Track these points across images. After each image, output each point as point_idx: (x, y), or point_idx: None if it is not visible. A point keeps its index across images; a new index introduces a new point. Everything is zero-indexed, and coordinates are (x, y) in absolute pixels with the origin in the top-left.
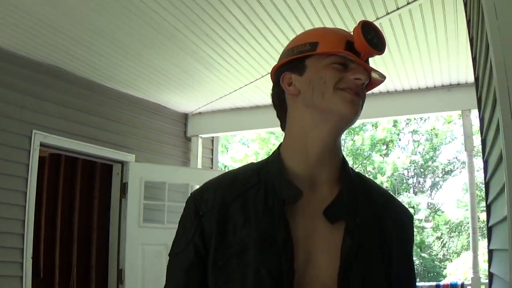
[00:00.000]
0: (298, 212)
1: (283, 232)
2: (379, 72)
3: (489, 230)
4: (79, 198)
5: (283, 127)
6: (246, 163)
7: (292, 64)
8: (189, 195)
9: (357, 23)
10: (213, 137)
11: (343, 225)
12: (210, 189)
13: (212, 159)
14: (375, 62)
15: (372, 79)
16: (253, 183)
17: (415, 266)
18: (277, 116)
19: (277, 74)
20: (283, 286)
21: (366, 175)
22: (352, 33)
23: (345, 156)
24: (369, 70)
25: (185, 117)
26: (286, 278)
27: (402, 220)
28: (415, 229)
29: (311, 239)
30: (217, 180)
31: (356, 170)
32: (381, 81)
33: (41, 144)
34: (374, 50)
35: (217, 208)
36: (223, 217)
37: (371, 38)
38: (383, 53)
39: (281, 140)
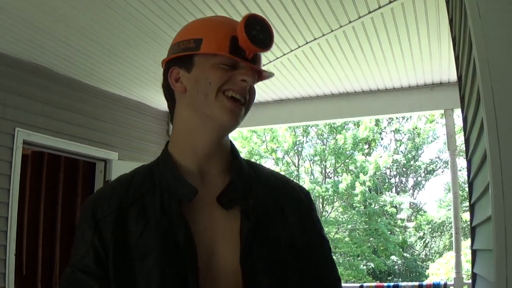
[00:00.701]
0: (194, 208)
1: (184, 232)
2: (267, 71)
3: (473, 230)
4: (62, 196)
5: (171, 121)
6: (138, 166)
7: (181, 58)
8: (84, 202)
9: (242, 17)
10: None
11: (238, 210)
12: (105, 195)
13: None
14: (355, 55)
15: (262, 73)
16: (149, 187)
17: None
18: (168, 108)
19: (166, 67)
20: (189, 284)
21: (258, 163)
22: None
23: (233, 143)
24: (259, 71)
25: (167, 115)
26: (191, 275)
27: (299, 196)
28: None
29: (211, 231)
30: (112, 186)
31: (247, 159)
32: (270, 76)
33: (24, 142)
34: (257, 48)
35: (114, 214)
36: (121, 222)
37: (256, 34)
38: (268, 49)
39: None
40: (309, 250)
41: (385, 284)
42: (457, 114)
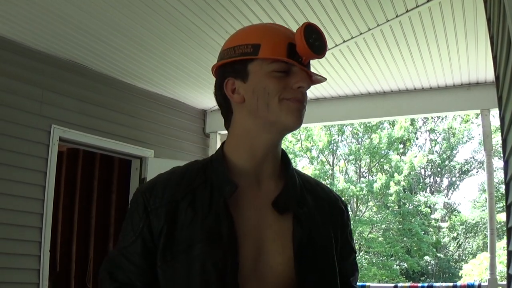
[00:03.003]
0: (245, 206)
1: (227, 226)
2: (320, 75)
3: (509, 231)
4: (97, 193)
5: (227, 126)
6: (191, 161)
7: (235, 67)
8: (136, 190)
9: (301, 25)
10: None
11: (290, 215)
12: (159, 185)
13: None
14: (392, 54)
15: (314, 80)
16: (200, 182)
17: (431, 266)
18: (222, 114)
19: (219, 74)
20: (228, 278)
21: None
22: (293, 33)
23: (285, 151)
24: (311, 76)
25: (203, 113)
26: (231, 270)
27: (340, 207)
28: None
29: (260, 231)
30: (166, 177)
31: (294, 168)
32: (323, 81)
33: (60, 139)
34: (315, 55)
35: (166, 206)
36: (172, 214)
37: (313, 42)
38: (323, 57)
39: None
40: (340, 260)
41: (419, 284)
42: (493, 114)
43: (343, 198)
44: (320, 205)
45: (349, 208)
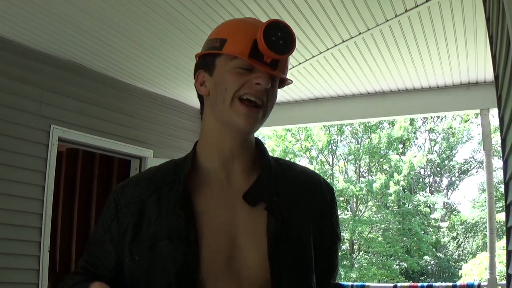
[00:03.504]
0: (215, 203)
1: (186, 226)
2: (286, 78)
3: (509, 230)
4: (96, 193)
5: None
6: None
7: (206, 60)
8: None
9: (263, 23)
10: None
11: (262, 207)
12: (130, 185)
13: None
14: (391, 54)
15: (284, 78)
16: (169, 180)
17: (431, 266)
18: (200, 108)
19: (195, 65)
20: (187, 276)
21: (285, 159)
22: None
23: (260, 140)
24: (272, 75)
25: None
26: (192, 268)
27: (323, 192)
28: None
29: (233, 226)
30: (139, 176)
31: (274, 156)
32: (289, 83)
33: (60, 139)
34: (276, 54)
35: (134, 204)
36: (139, 212)
37: (276, 40)
38: (287, 56)
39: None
40: (322, 246)
41: (419, 284)
42: (492, 114)
43: (330, 184)
44: (300, 193)
45: (336, 195)
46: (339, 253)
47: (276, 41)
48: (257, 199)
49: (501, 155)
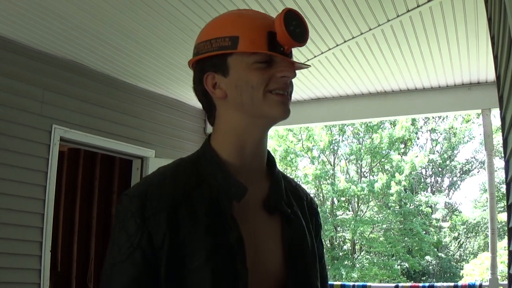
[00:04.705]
0: (242, 207)
1: (234, 232)
2: (303, 63)
3: (510, 230)
4: (98, 193)
5: (211, 122)
6: (175, 159)
7: (213, 62)
8: (124, 195)
9: (280, 11)
10: None
11: (278, 215)
12: (154, 188)
13: None
14: (393, 54)
15: (297, 66)
16: (196, 183)
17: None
18: (204, 109)
19: (198, 69)
20: (239, 286)
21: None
22: (273, 20)
23: (271, 153)
24: (294, 64)
25: (204, 113)
26: (242, 277)
27: (315, 208)
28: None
29: (255, 233)
30: (159, 178)
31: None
32: (306, 67)
33: (61, 139)
34: (296, 43)
35: (166, 210)
36: (172, 219)
37: (294, 29)
38: (305, 44)
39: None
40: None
41: (421, 284)
42: (494, 114)
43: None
44: (301, 205)
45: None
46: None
47: (294, 30)
48: (275, 207)
49: (502, 155)
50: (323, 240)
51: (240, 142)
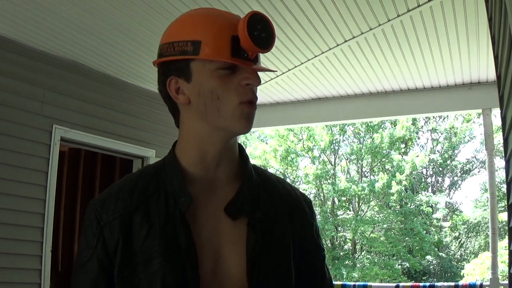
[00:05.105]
0: (200, 214)
1: (185, 238)
2: (267, 69)
3: (511, 230)
4: (98, 193)
5: (177, 125)
6: (144, 166)
7: (177, 66)
8: (89, 203)
9: (244, 15)
10: None
11: (245, 220)
12: (111, 197)
13: None
14: (393, 53)
15: (267, 70)
16: (153, 190)
17: (433, 266)
18: (169, 111)
19: (161, 71)
20: None
21: (265, 169)
22: (237, 22)
23: (243, 148)
24: (258, 70)
25: None
26: (192, 284)
27: (302, 206)
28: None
29: (217, 239)
30: (118, 187)
31: (253, 164)
32: (272, 71)
33: (62, 139)
34: (261, 49)
35: (119, 219)
36: (126, 227)
37: (258, 34)
38: (270, 50)
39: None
40: (307, 258)
41: (421, 284)
42: (494, 114)
43: (308, 196)
44: (279, 206)
45: (313, 206)
46: (327, 262)
47: (259, 35)
48: (238, 213)
49: (503, 154)
50: (322, 240)
51: (201, 151)
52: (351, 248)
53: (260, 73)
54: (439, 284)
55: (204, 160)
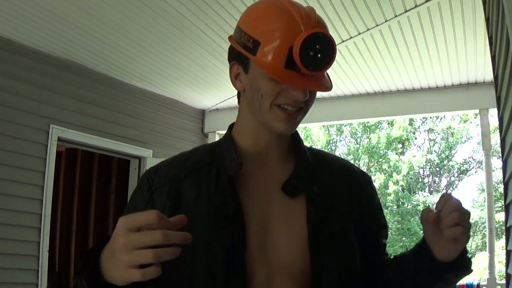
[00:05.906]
0: (251, 188)
1: (233, 205)
2: (323, 88)
3: (508, 230)
4: (95, 193)
5: (239, 103)
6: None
7: (240, 54)
8: (144, 172)
9: (302, 33)
10: None
11: (303, 197)
12: (163, 166)
13: None
14: (391, 54)
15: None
16: (206, 162)
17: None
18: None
19: (230, 52)
20: (235, 259)
21: (323, 149)
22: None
23: (298, 133)
24: (307, 89)
25: (202, 113)
26: (238, 249)
27: (362, 181)
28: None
29: (268, 215)
30: (171, 159)
31: (308, 145)
32: (327, 90)
33: (59, 139)
34: (311, 72)
35: (169, 184)
36: (175, 192)
37: (314, 55)
38: (325, 70)
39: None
40: (367, 234)
41: None
42: (491, 114)
43: (367, 173)
44: (336, 183)
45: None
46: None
47: (314, 56)
48: (296, 190)
49: (500, 155)
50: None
51: (254, 134)
52: None
53: None
54: None
55: (257, 142)
